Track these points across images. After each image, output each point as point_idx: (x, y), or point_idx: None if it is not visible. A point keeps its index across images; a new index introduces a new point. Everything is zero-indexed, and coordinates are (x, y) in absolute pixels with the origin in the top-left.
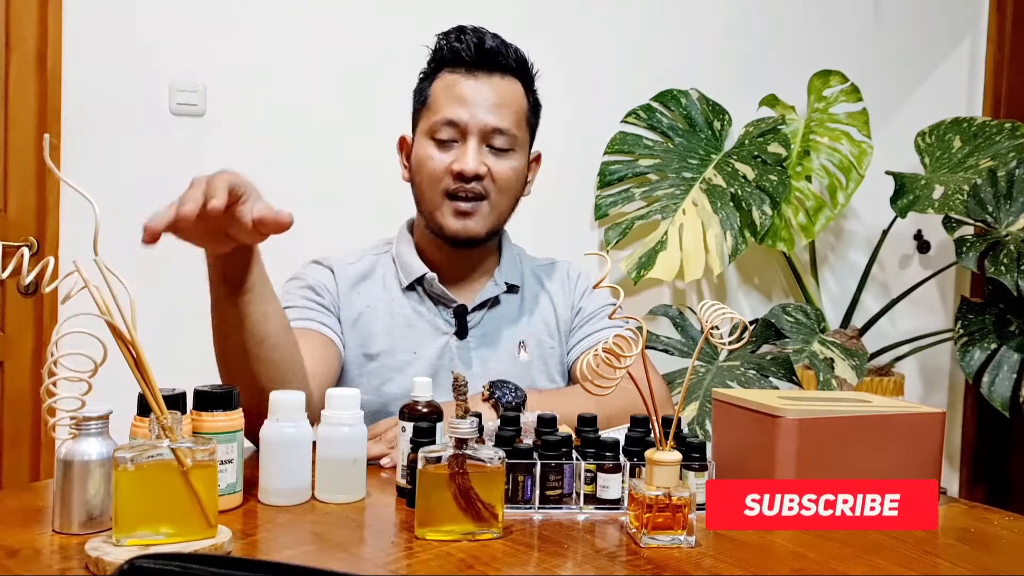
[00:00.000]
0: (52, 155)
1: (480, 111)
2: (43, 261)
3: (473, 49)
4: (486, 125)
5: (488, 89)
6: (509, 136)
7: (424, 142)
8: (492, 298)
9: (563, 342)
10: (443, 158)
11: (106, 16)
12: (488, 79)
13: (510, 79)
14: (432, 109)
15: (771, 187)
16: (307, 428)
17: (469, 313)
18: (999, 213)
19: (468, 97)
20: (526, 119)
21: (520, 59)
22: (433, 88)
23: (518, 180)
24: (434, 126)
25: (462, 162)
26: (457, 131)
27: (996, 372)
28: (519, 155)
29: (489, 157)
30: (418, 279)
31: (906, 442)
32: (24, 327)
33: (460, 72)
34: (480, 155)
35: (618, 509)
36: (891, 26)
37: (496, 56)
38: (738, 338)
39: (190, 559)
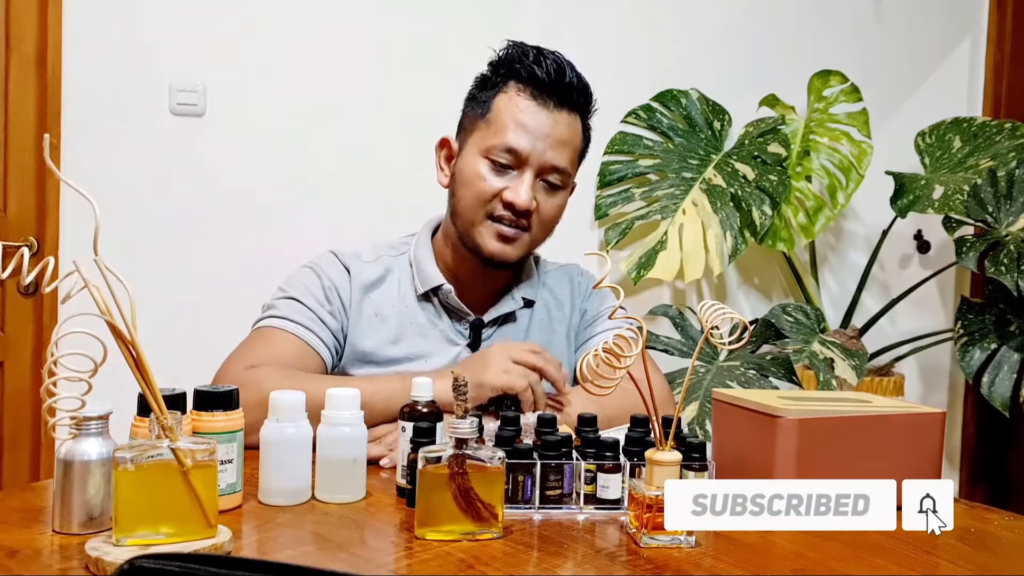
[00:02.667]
0: (52, 155)
1: (543, 146)
2: (43, 261)
3: (553, 77)
4: (546, 162)
5: (555, 124)
6: (564, 175)
7: (477, 159)
8: (508, 313)
9: (571, 346)
10: (496, 182)
11: (106, 16)
12: (556, 112)
13: (574, 116)
14: (494, 127)
15: (771, 187)
16: (307, 428)
17: (485, 327)
18: (999, 213)
19: (535, 128)
20: (579, 155)
21: (589, 97)
22: (497, 102)
23: (558, 217)
24: (493, 148)
25: (516, 194)
26: (515, 159)
27: (996, 372)
28: (565, 192)
29: (540, 192)
30: (434, 289)
31: (906, 442)
32: (24, 327)
33: (528, 95)
34: (533, 190)
35: (618, 509)
36: (891, 26)
37: (570, 91)
38: (738, 338)
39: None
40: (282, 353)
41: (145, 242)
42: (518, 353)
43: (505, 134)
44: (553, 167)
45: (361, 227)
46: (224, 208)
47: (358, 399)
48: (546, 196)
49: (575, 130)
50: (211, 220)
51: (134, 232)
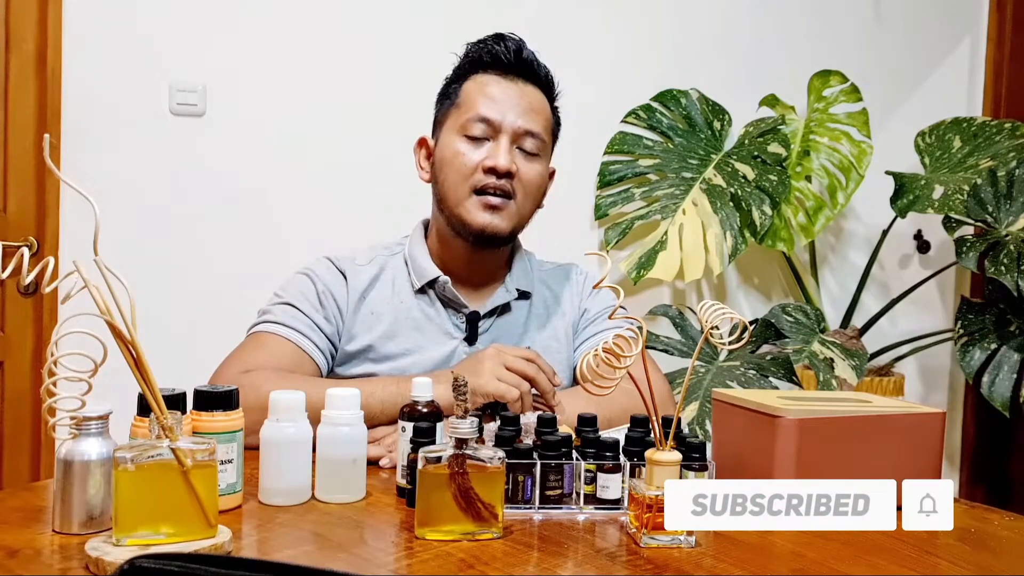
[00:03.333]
0: (52, 155)
1: (514, 113)
2: (43, 261)
3: (513, 54)
4: (519, 127)
5: (522, 94)
6: (538, 140)
7: (454, 138)
8: (503, 304)
9: (570, 344)
10: (474, 154)
11: (106, 16)
12: (521, 85)
13: (539, 91)
14: (464, 107)
15: (771, 187)
16: (307, 428)
17: (481, 319)
18: (999, 213)
19: (503, 97)
20: (551, 130)
21: (549, 75)
22: (465, 88)
23: (540, 187)
24: (467, 123)
25: (495, 158)
26: (490, 129)
27: (996, 372)
28: (544, 162)
29: (518, 158)
30: (430, 282)
31: (906, 442)
32: (24, 327)
33: (493, 73)
34: (511, 154)
35: (618, 509)
36: (891, 26)
37: (531, 65)
38: (738, 338)
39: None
40: (277, 357)
41: (145, 242)
42: (512, 360)
43: (476, 107)
44: (527, 131)
45: (361, 227)
46: (224, 208)
47: (358, 399)
48: (525, 162)
49: (543, 102)
50: (211, 220)
51: (134, 232)
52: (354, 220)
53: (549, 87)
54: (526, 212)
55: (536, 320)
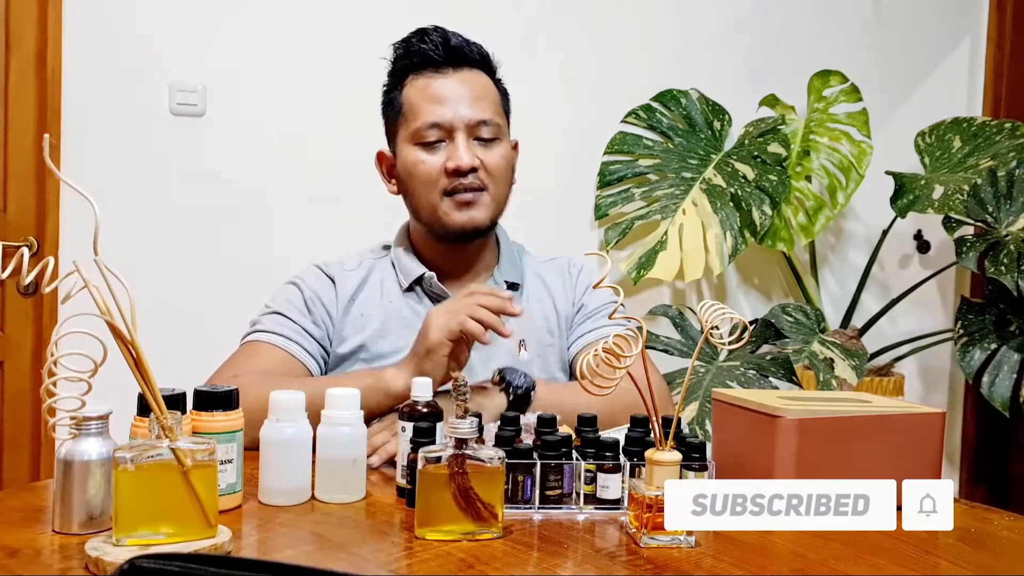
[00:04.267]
0: (52, 155)
1: (461, 107)
2: (43, 261)
3: (440, 48)
4: (470, 119)
5: (462, 84)
6: (493, 126)
7: (410, 149)
8: None
9: (563, 338)
10: (434, 159)
11: (106, 16)
12: (459, 74)
13: (477, 72)
14: (411, 116)
15: (771, 187)
16: (307, 428)
17: None
18: (999, 213)
19: (446, 95)
20: (502, 108)
21: (483, 52)
22: (406, 95)
23: (508, 167)
24: (418, 131)
25: (456, 158)
26: (443, 131)
27: (996, 372)
28: (504, 143)
29: (478, 149)
30: (417, 279)
31: (906, 442)
32: (24, 327)
33: (429, 73)
34: (470, 148)
35: (618, 509)
36: (891, 26)
37: (462, 51)
38: (738, 338)
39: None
40: (268, 365)
41: (145, 242)
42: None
43: (423, 113)
44: (479, 121)
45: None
46: (224, 208)
47: (358, 399)
48: (485, 151)
49: (484, 84)
50: (211, 220)
51: (134, 232)
52: (354, 220)
53: (487, 64)
54: (501, 197)
55: (529, 312)
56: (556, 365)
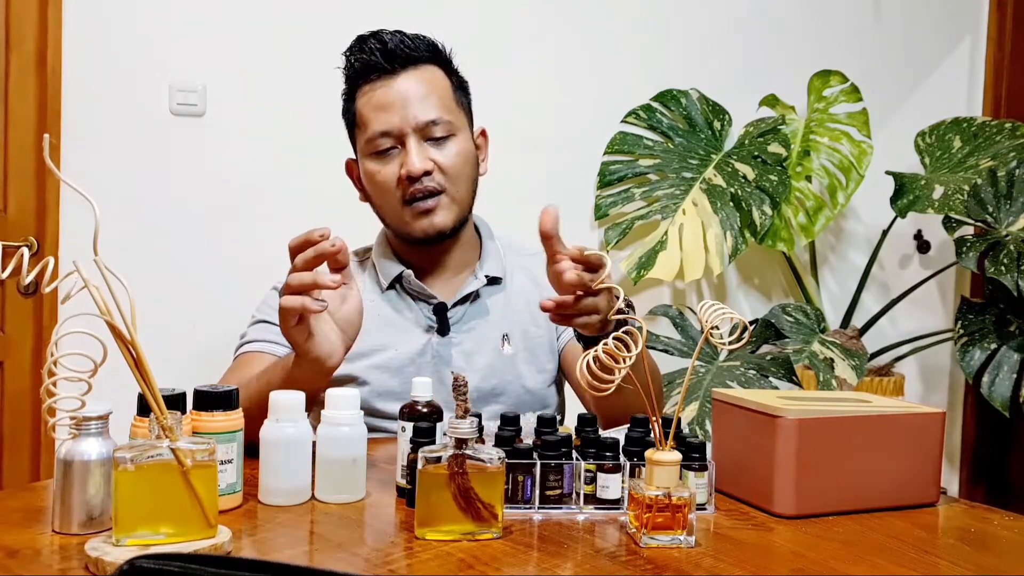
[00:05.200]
0: (52, 155)
1: (405, 110)
2: (43, 261)
3: (379, 54)
4: (419, 121)
5: (406, 86)
6: (443, 123)
7: (366, 161)
8: (472, 293)
9: (551, 328)
10: (389, 169)
11: (106, 16)
12: (404, 76)
13: (426, 67)
14: (363, 127)
15: (771, 187)
16: (307, 428)
17: (450, 309)
18: (999, 213)
19: (391, 102)
20: (456, 101)
21: (429, 44)
22: (357, 107)
23: (467, 163)
24: (369, 142)
25: (408, 165)
26: (393, 138)
27: (996, 372)
28: (461, 138)
29: (431, 151)
30: (396, 278)
31: (906, 442)
32: (24, 327)
33: (375, 80)
34: (423, 152)
35: (618, 509)
36: (891, 26)
37: (400, 52)
38: (738, 338)
39: (190, 559)
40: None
41: (145, 242)
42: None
43: (371, 123)
44: (427, 122)
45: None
46: (224, 208)
47: (357, 399)
48: (439, 151)
49: (431, 79)
50: (211, 220)
51: (134, 232)
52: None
53: (436, 57)
54: (462, 195)
55: (513, 306)
56: (545, 357)
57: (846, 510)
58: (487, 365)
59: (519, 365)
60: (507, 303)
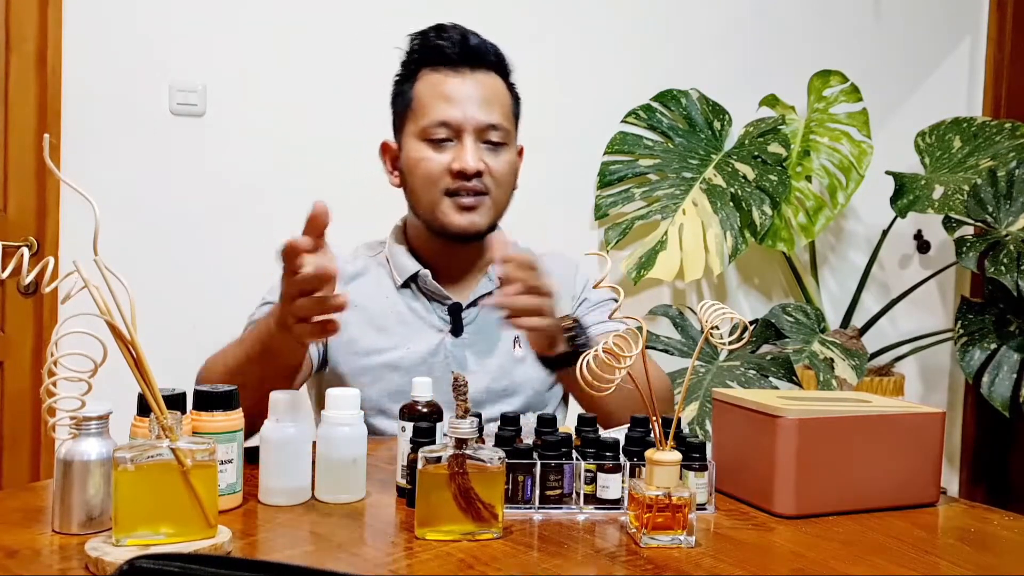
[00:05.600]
0: (52, 155)
1: (472, 108)
2: (43, 261)
3: (458, 46)
4: (480, 122)
5: (476, 85)
6: (502, 131)
7: (416, 144)
8: (486, 294)
9: None
10: (440, 158)
11: (106, 16)
12: (473, 75)
13: (492, 74)
14: (420, 111)
15: (771, 187)
16: (307, 428)
17: (464, 310)
18: (999, 213)
19: (458, 95)
20: (513, 113)
21: (499, 54)
22: (417, 89)
23: (512, 174)
24: (426, 128)
25: (462, 161)
26: (451, 131)
27: (996, 372)
28: (511, 149)
29: (485, 153)
30: (412, 277)
31: (906, 442)
32: (24, 327)
33: (443, 70)
34: (477, 152)
35: (618, 509)
36: (891, 26)
37: (479, 52)
38: (738, 338)
39: (190, 559)
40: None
41: (145, 242)
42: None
43: (433, 111)
44: (488, 125)
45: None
46: (224, 208)
47: (358, 399)
48: (492, 156)
49: (497, 88)
50: (211, 220)
51: (134, 232)
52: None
53: (502, 67)
54: (503, 202)
55: None
56: None
57: (846, 510)
58: (499, 366)
59: (529, 367)
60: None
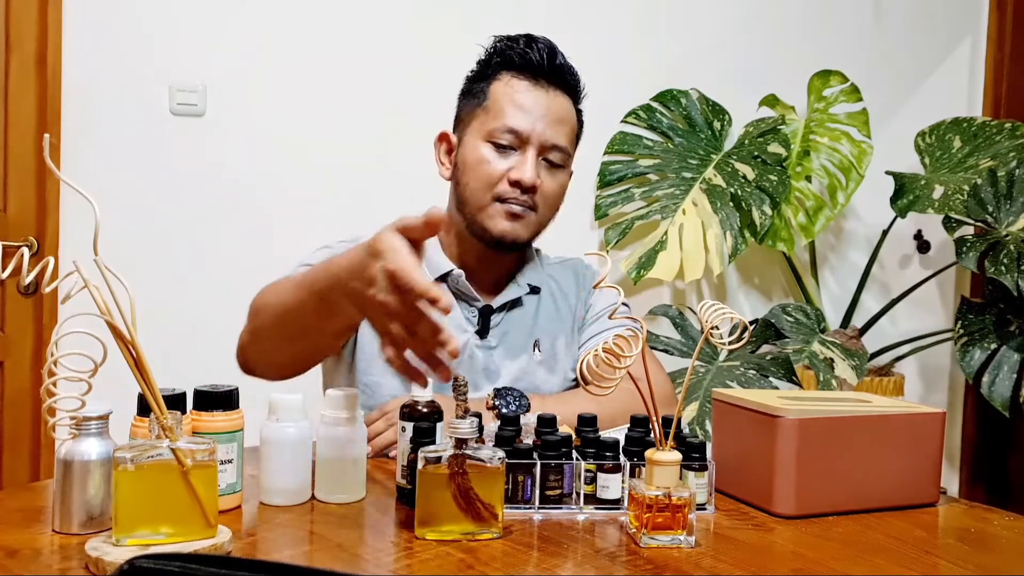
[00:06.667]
0: (52, 155)
1: (543, 124)
2: (43, 261)
3: (545, 60)
4: (547, 140)
5: (551, 104)
6: (564, 153)
7: (479, 144)
8: (515, 299)
9: (575, 339)
10: (501, 164)
11: (106, 16)
12: (551, 92)
13: (567, 97)
14: (493, 112)
15: (771, 187)
16: (307, 428)
17: (493, 312)
18: (999, 213)
19: (533, 108)
20: (575, 138)
21: (577, 79)
22: (493, 90)
23: (560, 197)
24: (494, 131)
25: (521, 171)
26: (517, 139)
27: (996, 372)
28: (566, 174)
29: (543, 171)
30: (443, 275)
31: (906, 442)
32: (24, 327)
33: (525, 79)
34: (537, 167)
35: (618, 509)
36: (891, 26)
37: (562, 72)
38: (738, 338)
39: (190, 559)
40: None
41: (145, 242)
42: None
43: (505, 116)
44: (554, 145)
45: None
46: (224, 208)
47: (357, 399)
48: (548, 175)
49: (570, 111)
50: (211, 220)
51: (134, 232)
52: (354, 220)
53: (576, 92)
54: (545, 221)
55: (545, 313)
56: (568, 364)
57: (846, 510)
58: (520, 369)
59: (546, 371)
60: (539, 311)
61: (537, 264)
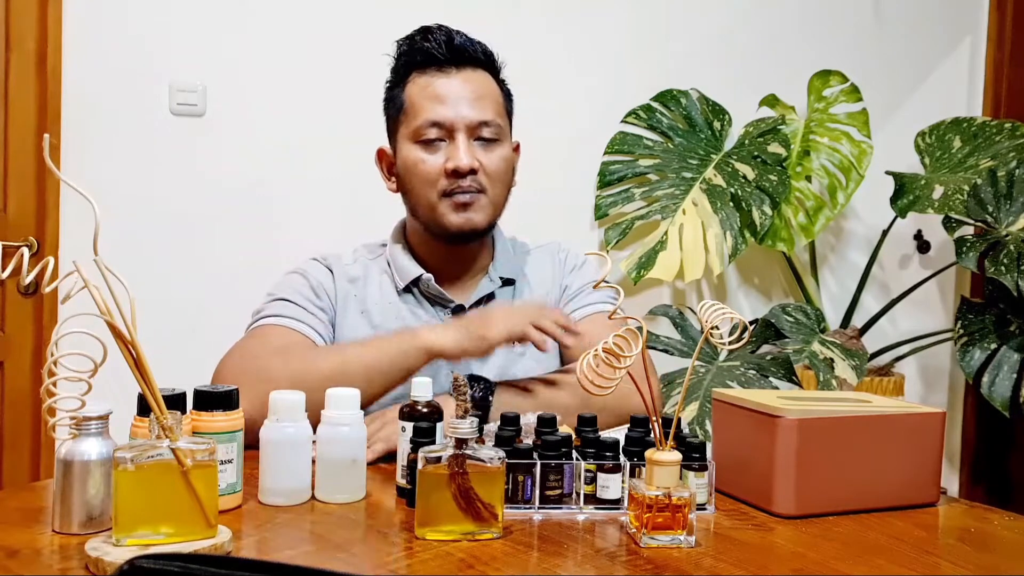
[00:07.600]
0: (52, 155)
1: (462, 107)
2: (43, 261)
3: (444, 46)
4: (472, 120)
5: (465, 84)
6: (494, 127)
7: (410, 147)
8: (487, 295)
9: None
10: (434, 159)
11: (106, 16)
12: (461, 74)
13: (481, 72)
14: (412, 114)
15: (771, 187)
16: (307, 428)
17: (466, 311)
18: (999, 213)
19: (448, 95)
20: (505, 109)
21: (487, 51)
22: (408, 93)
23: (507, 170)
24: (418, 130)
25: (455, 159)
26: (443, 131)
27: (996, 372)
28: (505, 145)
29: (478, 151)
30: (413, 281)
31: (906, 442)
32: (24, 327)
33: (431, 72)
34: (471, 150)
35: (618, 509)
36: (891, 26)
37: (465, 50)
38: (738, 338)
39: (190, 559)
40: (281, 346)
41: (145, 242)
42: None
43: (424, 112)
44: (481, 122)
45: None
46: (224, 208)
47: (358, 399)
48: (486, 153)
49: (487, 84)
50: (211, 220)
51: (134, 232)
52: (354, 220)
53: (491, 64)
54: (500, 199)
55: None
56: (553, 351)
57: (846, 510)
58: (500, 365)
59: (529, 363)
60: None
61: (510, 254)
